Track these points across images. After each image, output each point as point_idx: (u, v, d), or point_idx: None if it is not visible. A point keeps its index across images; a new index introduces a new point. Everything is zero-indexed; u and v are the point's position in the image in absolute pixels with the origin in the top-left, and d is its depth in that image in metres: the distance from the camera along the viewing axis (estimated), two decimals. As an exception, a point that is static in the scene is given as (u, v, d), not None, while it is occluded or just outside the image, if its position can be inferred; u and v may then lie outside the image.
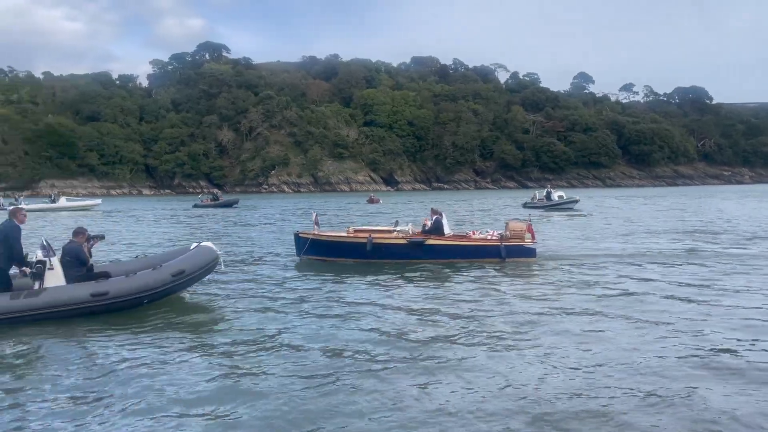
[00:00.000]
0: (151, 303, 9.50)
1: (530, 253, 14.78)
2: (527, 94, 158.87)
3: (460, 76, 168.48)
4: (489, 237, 15.19)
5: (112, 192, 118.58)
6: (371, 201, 58.92)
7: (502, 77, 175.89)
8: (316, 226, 15.98)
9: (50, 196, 59.84)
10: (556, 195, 45.22)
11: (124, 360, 7.16)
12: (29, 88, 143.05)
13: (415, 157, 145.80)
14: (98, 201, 61.62)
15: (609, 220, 30.35)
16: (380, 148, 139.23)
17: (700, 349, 7.31)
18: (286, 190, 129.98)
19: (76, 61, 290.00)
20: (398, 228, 15.33)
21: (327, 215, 38.28)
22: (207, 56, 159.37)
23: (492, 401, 5.72)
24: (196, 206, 54.64)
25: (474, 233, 15.71)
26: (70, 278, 9.19)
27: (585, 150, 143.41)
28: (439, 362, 6.84)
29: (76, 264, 9.46)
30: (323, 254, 14.69)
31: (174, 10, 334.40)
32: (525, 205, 45.29)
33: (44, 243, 9.51)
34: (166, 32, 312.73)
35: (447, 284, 11.96)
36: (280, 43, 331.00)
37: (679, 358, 7.00)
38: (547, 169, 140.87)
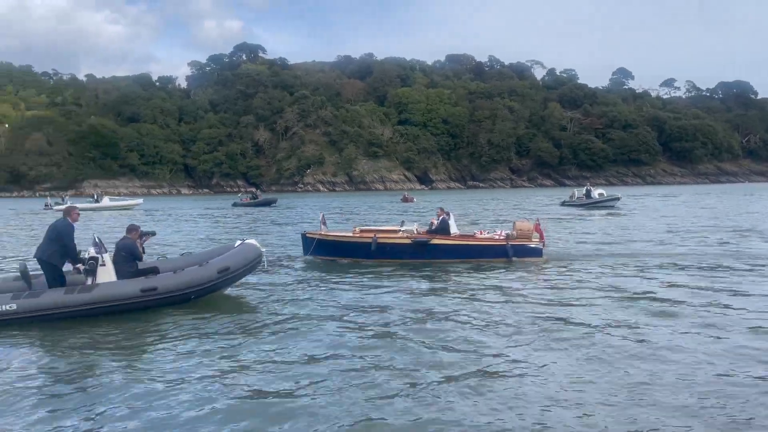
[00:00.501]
0: (198, 299, 9.68)
1: (536, 253, 14.55)
2: (564, 91, 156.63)
3: (496, 73, 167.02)
4: (497, 237, 14.96)
5: (153, 191, 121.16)
6: (405, 200, 58.74)
7: (539, 74, 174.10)
8: (323, 226, 16.01)
9: (93, 196, 61.47)
10: (596, 193, 43.50)
11: (174, 352, 7.33)
12: (73, 91, 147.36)
13: (450, 156, 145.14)
14: (140, 200, 63.05)
15: (651, 219, 29.61)
16: (415, 146, 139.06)
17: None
18: (321, 189, 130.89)
19: (117, 64, 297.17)
20: (404, 228, 15.18)
21: (360, 214, 38.37)
22: (244, 57, 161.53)
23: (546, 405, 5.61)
24: (235, 205, 55.24)
25: (481, 233, 15.48)
26: (122, 274, 9.40)
27: (624, 147, 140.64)
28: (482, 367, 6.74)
29: (131, 260, 9.67)
30: (329, 254, 14.62)
31: (212, 12, 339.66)
32: (563, 204, 44.15)
33: (96, 240, 9.75)
34: (204, 34, 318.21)
35: (453, 285, 11.81)
36: (316, 43, 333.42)
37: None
38: (585, 167, 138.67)
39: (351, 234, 15.21)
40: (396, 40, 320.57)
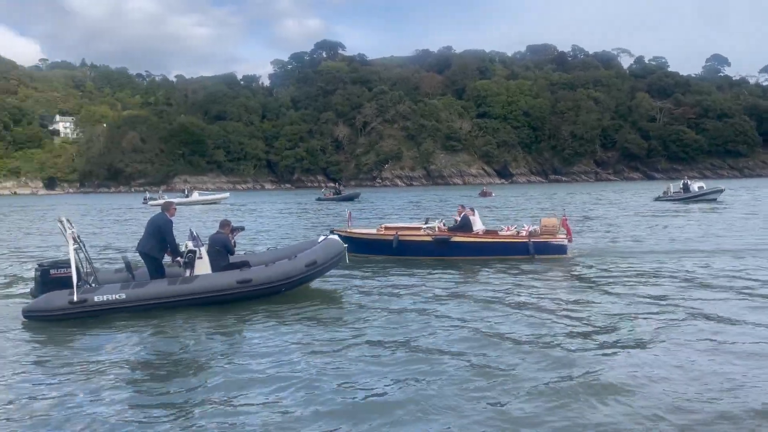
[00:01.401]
0: (287, 291, 9.98)
1: (560, 249, 14.10)
2: (654, 80, 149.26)
3: (579, 63, 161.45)
4: (524, 232, 14.63)
5: (238, 187, 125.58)
6: (483, 194, 57.83)
7: (626, 62, 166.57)
8: (349, 223, 16.34)
9: (184, 191, 64.44)
10: (695, 186, 40.02)
11: (271, 341, 7.58)
12: (164, 91, 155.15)
13: (531, 149, 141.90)
14: (226, 195, 65.43)
15: (753, 212, 27.61)
16: (494, 139, 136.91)
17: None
18: (399, 183, 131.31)
19: (205, 64, 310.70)
20: (427, 225, 15.20)
21: (433, 209, 38.06)
22: (324, 54, 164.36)
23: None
24: (319, 200, 56.20)
25: (507, 229, 15.21)
26: (216, 267, 9.77)
27: (719, 138, 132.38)
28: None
29: (224, 253, 10.04)
30: (353, 251, 14.24)
31: (293, 11, 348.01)
32: (658, 199, 40.96)
33: (193, 234, 10.15)
34: (286, 33, 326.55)
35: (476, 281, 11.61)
36: (394, 38, 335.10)
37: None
38: (675, 159, 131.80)
39: (375, 231, 15.36)
40: (475, 32, 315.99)
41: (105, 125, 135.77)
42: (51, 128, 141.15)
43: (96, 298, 8.59)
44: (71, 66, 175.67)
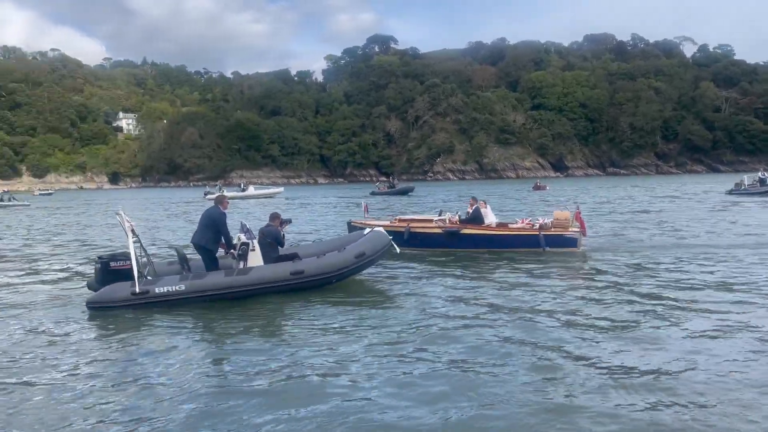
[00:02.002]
0: (338, 282, 10.16)
1: (571, 243, 13.87)
2: (718, 69, 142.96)
3: (639, 52, 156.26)
4: (539, 224, 14.49)
5: (291, 181, 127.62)
6: (537, 188, 56.84)
7: (689, 51, 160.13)
8: (366, 215, 16.82)
9: (240, 185, 65.90)
10: None
11: (325, 327, 7.79)
12: (221, 88, 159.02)
13: (588, 141, 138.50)
14: (281, 189, 66.62)
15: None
16: (549, 132, 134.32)
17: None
18: (451, 177, 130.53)
19: (260, 60, 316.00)
20: (438, 218, 15.36)
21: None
22: (376, 49, 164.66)
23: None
24: (373, 193, 56.06)
25: (522, 222, 15.05)
26: (267, 259, 9.96)
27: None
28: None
29: (275, 245, 10.26)
30: None
31: (346, 6, 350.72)
32: (731, 192, 38.33)
33: (245, 226, 10.32)
34: (339, 28, 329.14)
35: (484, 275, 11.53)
36: (447, 31, 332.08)
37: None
38: (742, 151, 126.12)
39: (389, 223, 15.49)
40: (530, 23, 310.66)
41: (165, 122, 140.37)
42: (115, 125, 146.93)
43: (157, 290, 8.83)
44: (133, 64, 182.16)
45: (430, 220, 15.28)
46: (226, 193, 56.37)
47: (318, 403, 5.35)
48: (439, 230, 14.55)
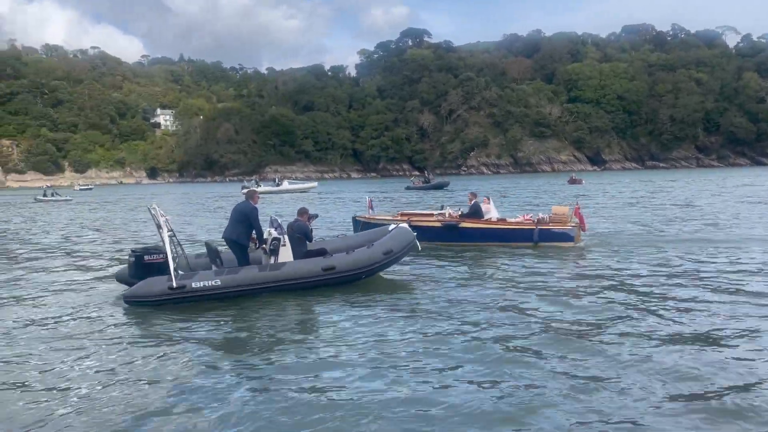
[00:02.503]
0: (367, 278, 10.14)
1: (565, 237, 14.18)
2: (763, 58, 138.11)
3: (680, 42, 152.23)
4: (538, 219, 14.92)
5: (325, 176, 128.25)
6: (572, 181, 55.92)
7: (732, 41, 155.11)
8: (370, 210, 17.38)
9: (275, 180, 66.56)
10: None
11: (358, 323, 7.81)
12: (256, 83, 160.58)
13: (626, 134, 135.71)
14: (314, 184, 67.01)
15: None
16: (586, 125, 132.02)
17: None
18: (485, 171, 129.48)
19: (294, 55, 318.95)
20: (438, 212, 16.03)
21: (515, 199, 37.05)
22: (410, 42, 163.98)
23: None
24: (408, 188, 55.61)
25: (524, 217, 15.33)
26: (297, 254, 9.96)
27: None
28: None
29: (304, 240, 10.23)
30: None
31: (379, 0, 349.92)
32: None
33: (276, 221, 10.31)
34: (372, 22, 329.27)
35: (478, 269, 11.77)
36: (482, 23, 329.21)
37: None
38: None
39: (391, 217, 16.10)
40: (566, 14, 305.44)
41: (201, 117, 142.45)
42: (153, 121, 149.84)
43: (193, 284, 8.80)
44: (170, 61, 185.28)
45: (431, 215, 15.93)
46: (261, 188, 56.99)
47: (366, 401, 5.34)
48: (438, 224, 15.04)
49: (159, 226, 9.23)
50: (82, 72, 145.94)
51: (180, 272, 9.04)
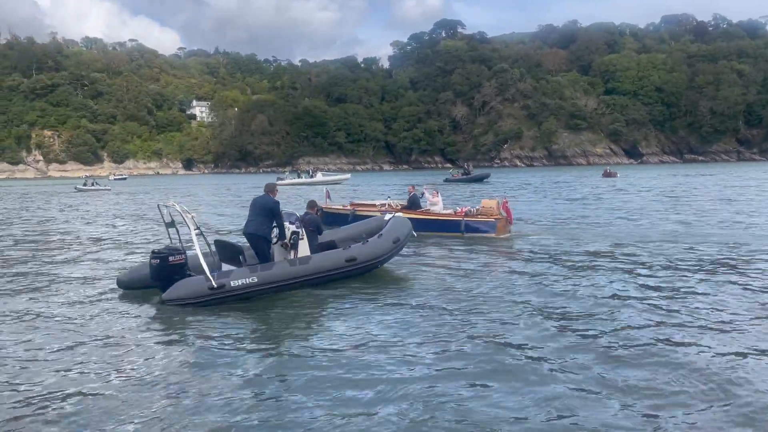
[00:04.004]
0: (380, 267, 10.41)
1: (489, 229, 15.30)
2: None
3: (721, 33, 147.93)
4: (462, 212, 16.12)
5: (357, 168, 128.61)
6: (607, 175, 54.94)
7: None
8: (327, 199, 18.73)
9: (308, 172, 67.06)
10: None
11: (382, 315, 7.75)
12: (290, 75, 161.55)
13: (664, 127, 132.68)
14: (348, 176, 67.26)
15: None
16: (623, 117, 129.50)
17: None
18: (518, 164, 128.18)
19: (327, 48, 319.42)
20: (379, 202, 17.99)
21: (546, 192, 36.58)
22: (443, 34, 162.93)
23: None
24: (446, 180, 55.04)
25: (462, 210, 16.41)
26: (311, 248, 9.84)
27: None
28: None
29: (316, 233, 10.23)
30: (329, 223, 15.62)
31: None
32: None
33: (295, 215, 10.05)
34: (405, 13, 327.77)
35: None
36: (516, 14, 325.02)
37: None
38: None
39: (341, 207, 18.05)
40: (603, 4, 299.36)
41: (236, 109, 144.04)
42: (189, 112, 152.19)
43: (232, 283, 8.59)
44: (206, 54, 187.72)
45: (373, 205, 17.57)
46: (294, 180, 57.29)
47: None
48: (379, 213, 15.85)
49: (170, 225, 9.01)
50: (120, 64, 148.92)
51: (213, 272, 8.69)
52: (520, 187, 42.04)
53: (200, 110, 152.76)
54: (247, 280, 8.75)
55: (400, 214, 11.93)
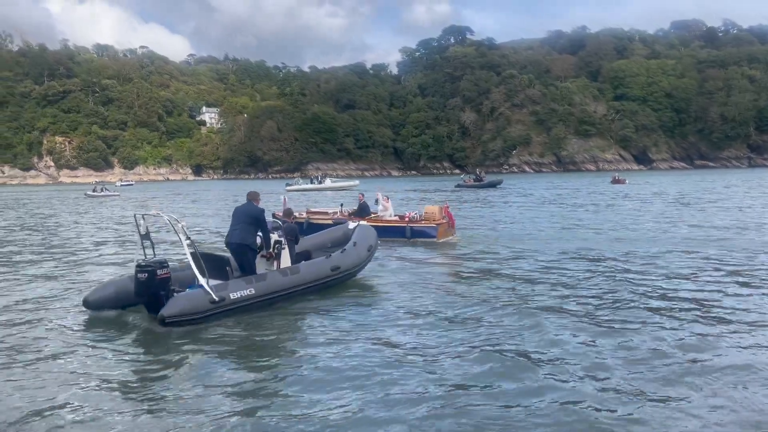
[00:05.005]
0: (356, 276, 10.51)
1: (431, 234, 16.21)
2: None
3: (732, 38, 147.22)
4: (407, 218, 16.95)
5: (365, 173, 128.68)
6: (615, 181, 54.68)
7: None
8: (284, 206, 19.15)
9: (317, 178, 67.09)
10: None
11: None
12: (299, 82, 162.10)
13: (674, 133, 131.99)
14: (356, 182, 67.35)
15: None
16: (632, 123, 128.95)
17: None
18: (527, 170, 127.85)
19: (336, 53, 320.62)
20: (332, 209, 19.07)
21: (552, 200, 36.45)
22: (452, 40, 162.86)
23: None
24: (458, 186, 54.38)
25: (408, 215, 17.23)
26: (291, 257, 9.68)
27: None
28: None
29: (295, 242, 9.99)
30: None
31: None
32: None
33: (278, 223, 9.90)
34: (414, 19, 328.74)
35: None
36: (525, 20, 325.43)
37: None
38: None
39: (298, 215, 17.90)
40: (612, 10, 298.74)
41: (245, 115, 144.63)
42: (198, 119, 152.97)
43: (231, 296, 8.14)
44: (216, 60, 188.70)
45: (326, 213, 18.63)
46: (302, 186, 57.25)
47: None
48: (330, 221, 16.93)
49: (145, 237, 8.36)
50: (131, 71, 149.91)
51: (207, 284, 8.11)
52: (521, 195, 41.89)
53: (210, 116, 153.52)
54: (245, 292, 8.33)
55: (364, 222, 12.12)
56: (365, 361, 6.39)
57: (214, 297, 7.92)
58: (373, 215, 17.87)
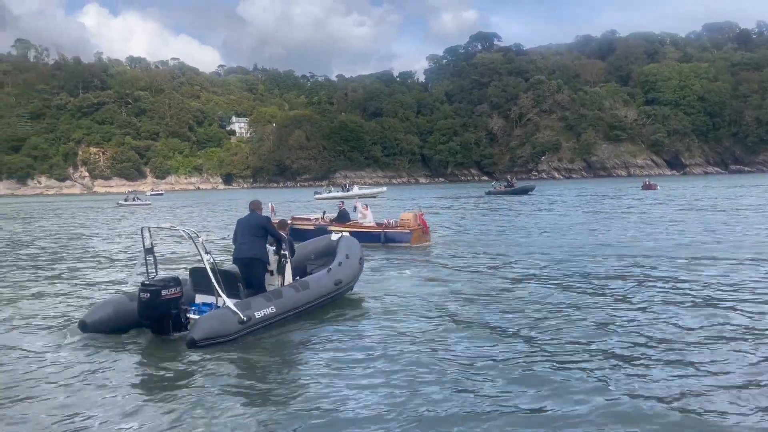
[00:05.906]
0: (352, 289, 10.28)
1: (404, 239, 17.00)
2: None
3: (766, 40, 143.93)
4: (385, 224, 17.86)
5: (393, 181, 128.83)
6: (646, 187, 53.61)
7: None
8: (272, 214, 19.52)
9: (345, 185, 67.23)
10: None
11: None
12: (326, 91, 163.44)
13: (707, 137, 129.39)
14: (384, 189, 67.34)
15: None
16: (664, 128, 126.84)
17: None
18: (557, 176, 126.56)
19: (363, 63, 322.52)
20: (314, 216, 20.18)
21: (596, 203, 35.90)
22: (479, 47, 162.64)
23: None
24: (489, 193, 53.95)
25: (387, 222, 18.11)
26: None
27: None
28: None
29: (291, 255, 9.43)
30: None
31: (449, 4, 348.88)
32: None
33: (284, 237, 9.34)
34: (441, 27, 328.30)
35: None
36: (553, 25, 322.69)
37: None
38: None
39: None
40: (643, 13, 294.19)
41: (274, 125, 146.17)
42: (228, 129, 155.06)
43: (256, 314, 7.82)
44: (245, 71, 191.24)
45: (309, 219, 19.66)
46: (331, 194, 57.15)
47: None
48: (312, 227, 17.94)
49: (149, 251, 7.89)
50: (163, 82, 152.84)
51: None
52: (549, 201, 41.41)
53: (239, 126, 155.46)
54: (267, 310, 8.00)
55: (346, 233, 12.29)
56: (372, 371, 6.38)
57: (242, 317, 7.57)
58: (352, 221, 18.93)
